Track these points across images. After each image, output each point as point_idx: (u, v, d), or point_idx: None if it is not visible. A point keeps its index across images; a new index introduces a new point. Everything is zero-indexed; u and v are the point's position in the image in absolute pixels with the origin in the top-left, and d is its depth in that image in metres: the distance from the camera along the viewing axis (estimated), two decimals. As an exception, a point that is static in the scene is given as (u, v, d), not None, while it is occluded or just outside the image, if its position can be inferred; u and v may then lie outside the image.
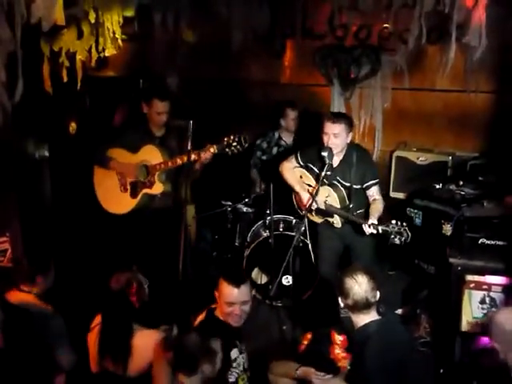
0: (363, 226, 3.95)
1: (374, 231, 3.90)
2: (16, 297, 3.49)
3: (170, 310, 3.83)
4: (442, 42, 5.32)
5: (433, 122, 5.88)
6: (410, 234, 3.73)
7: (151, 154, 4.50)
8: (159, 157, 4.46)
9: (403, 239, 3.73)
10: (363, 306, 3.08)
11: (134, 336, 3.19)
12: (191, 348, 2.71)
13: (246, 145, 4.18)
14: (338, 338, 3.22)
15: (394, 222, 3.78)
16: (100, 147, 4.65)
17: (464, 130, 5.72)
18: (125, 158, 4.58)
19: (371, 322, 3.10)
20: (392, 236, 3.76)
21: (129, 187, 4.61)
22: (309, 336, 3.67)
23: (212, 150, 4.25)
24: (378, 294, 3.13)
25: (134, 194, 4.60)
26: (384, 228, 3.82)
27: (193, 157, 4.25)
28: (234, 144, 4.16)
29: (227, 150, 4.20)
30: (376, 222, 3.90)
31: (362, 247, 4.45)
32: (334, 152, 4.21)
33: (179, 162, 4.33)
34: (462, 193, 4.89)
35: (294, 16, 6.10)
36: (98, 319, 3.32)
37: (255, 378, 3.33)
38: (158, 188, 4.52)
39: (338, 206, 4.28)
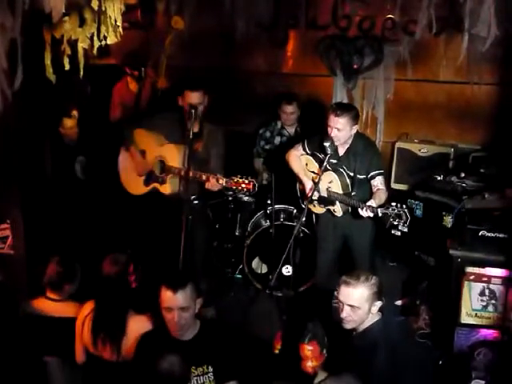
0: (360, 209, 3.92)
1: (371, 214, 3.86)
2: (42, 304, 3.52)
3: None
4: (446, 33, 5.32)
5: (435, 114, 5.86)
6: (409, 216, 3.69)
7: (171, 154, 4.41)
8: (177, 160, 4.36)
9: (402, 222, 3.69)
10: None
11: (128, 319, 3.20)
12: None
13: (254, 191, 4.07)
14: (308, 349, 3.06)
15: (393, 204, 3.75)
16: (127, 128, 4.63)
17: (466, 121, 5.71)
18: (147, 145, 4.54)
19: (374, 323, 3.05)
20: (391, 219, 3.73)
21: (145, 174, 4.61)
22: (278, 346, 3.57)
23: (220, 181, 4.11)
24: None
25: (146, 183, 4.61)
26: (383, 211, 3.78)
27: (203, 177, 4.19)
28: (243, 186, 3.97)
29: (235, 189, 4.05)
30: (375, 205, 3.87)
31: (361, 237, 4.43)
32: (337, 144, 4.20)
33: (191, 175, 4.16)
34: (464, 185, 4.89)
35: (298, 6, 6.07)
36: (88, 307, 3.31)
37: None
38: (166, 189, 4.46)
39: (341, 192, 4.27)
